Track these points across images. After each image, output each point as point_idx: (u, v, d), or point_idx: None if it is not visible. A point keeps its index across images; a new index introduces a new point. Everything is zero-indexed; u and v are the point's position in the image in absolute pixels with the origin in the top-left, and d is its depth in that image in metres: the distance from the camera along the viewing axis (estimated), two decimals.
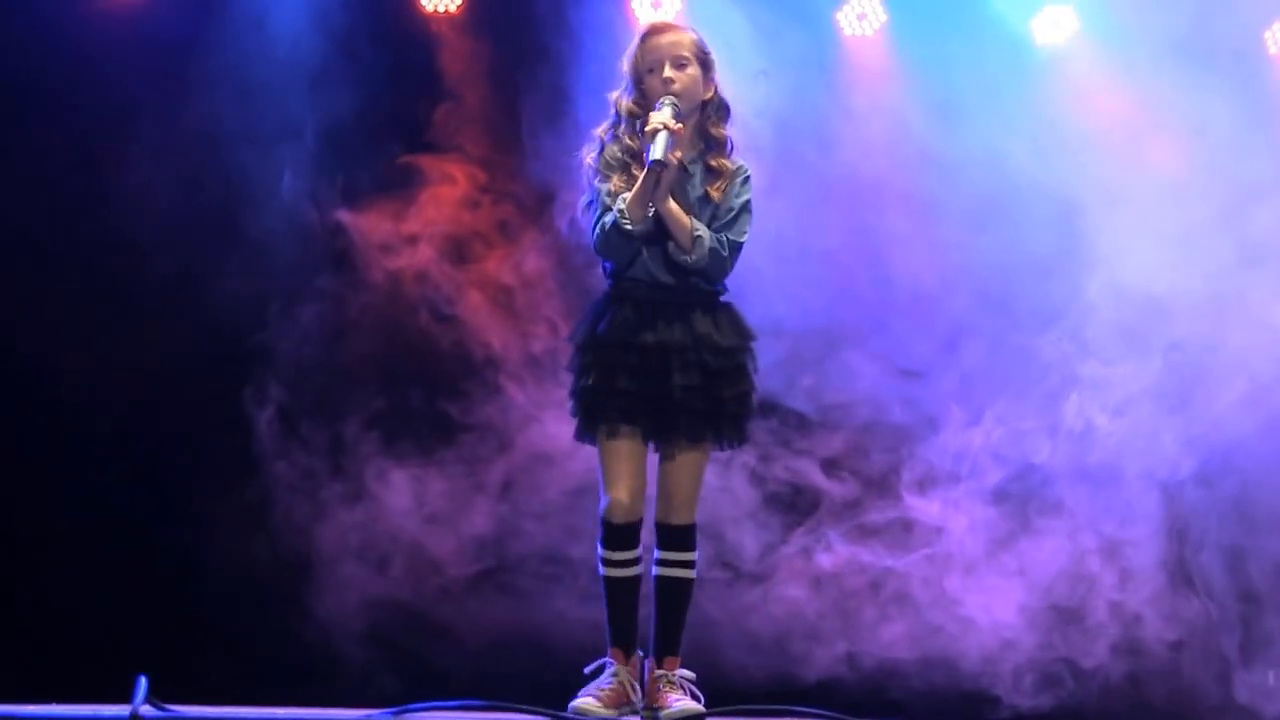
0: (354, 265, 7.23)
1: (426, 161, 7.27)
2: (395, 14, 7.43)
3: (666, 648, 5.16)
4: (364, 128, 7.25)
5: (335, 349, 7.22)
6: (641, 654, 5.20)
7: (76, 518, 6.96)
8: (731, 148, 5.25)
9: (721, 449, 5.25)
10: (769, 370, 7.08)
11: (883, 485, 7.37)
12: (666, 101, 5.06)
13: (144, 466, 7.04)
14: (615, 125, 5.21)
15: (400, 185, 7.25)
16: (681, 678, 5.13)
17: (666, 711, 5.03)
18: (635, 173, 5.09)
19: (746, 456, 7.19)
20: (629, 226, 5.05)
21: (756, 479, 7.29)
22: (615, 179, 5.12)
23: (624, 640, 5.13)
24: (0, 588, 6.91)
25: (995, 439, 7.33)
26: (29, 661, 6.68)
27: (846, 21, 7.65)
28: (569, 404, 5.21)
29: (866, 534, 7.34)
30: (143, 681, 4.56)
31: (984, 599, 7.28)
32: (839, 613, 7.29)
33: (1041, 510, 7.36)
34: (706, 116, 5.22)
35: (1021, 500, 7.37)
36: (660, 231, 5.09)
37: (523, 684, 5.61)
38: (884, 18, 7.64)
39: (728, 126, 5.25)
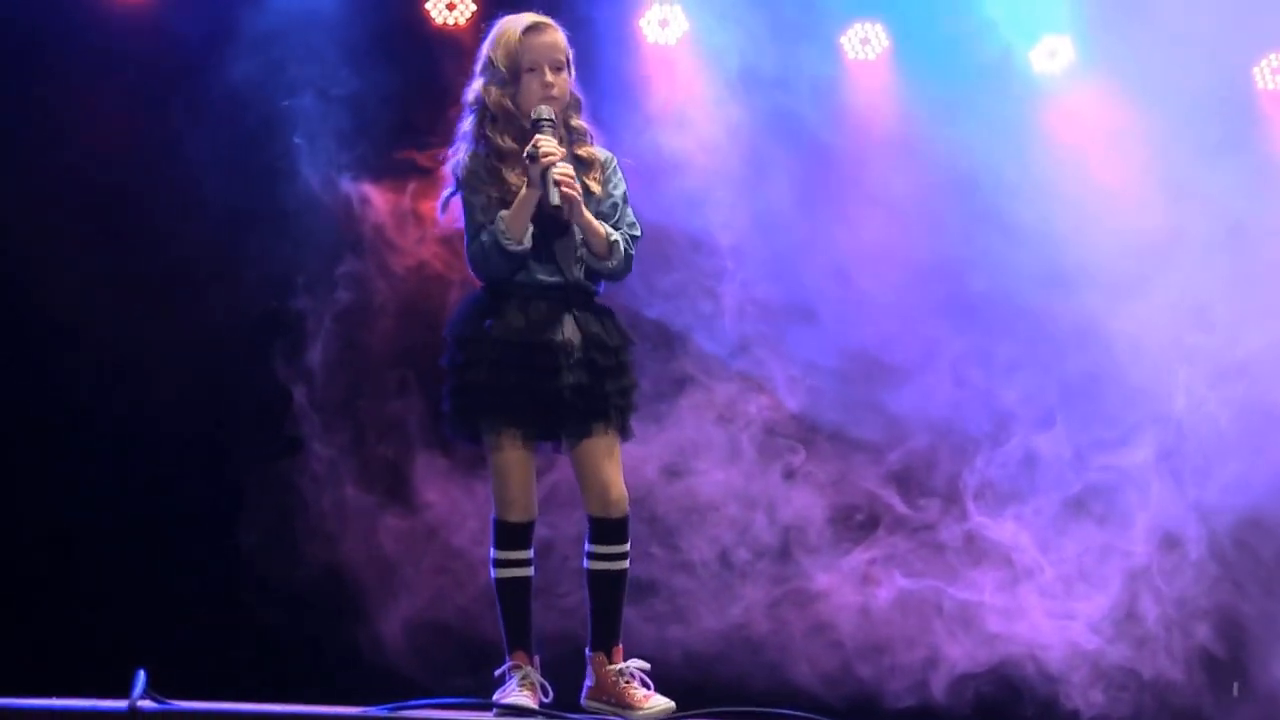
0: (381, 250, 7.28)
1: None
2: (407, 26, 7.52)
3: (610, 639, 5.15)
4: (384, 123, 7.31)
5: (363, 339, 7.27)
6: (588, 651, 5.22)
7: (79, 511, 7.05)
8: (591, 136, 5.21)
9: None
10: (834, 387, 7.35)
11: (951, 498, 7.44)
12: (544, 119, 4.99)
13: (147, 461, 7.11)
14: (483, 123, 5.11)
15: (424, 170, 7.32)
16: (638, 669, 5.14)
17: (643, 711, 5.06)
18: (508, 177, 5.04)
19: (812, 468, 7.34)
20: (514, 247, 5.00)
21: (824, 495, 7.40)
22: (488, 191, 5.05)
23: (524, 642, 5.12)
24: (3, 580, 7.00)
25: (1069, 445, 7.42)
26: (31, 655, 6.76)
27: (850, 45, 7.73)
28: (446, 400, 5.14)
29: (937, 547, 7.42)
30: (141, 675, 4.58)
31: (1058, 611, 7.37)
32: (907, 627, 7.38)
33: (1116, 514, 7.45)
34: (569, 115, 5.18)
35: (1096, 506, 7.45)
36: (542, 232, 5.06)
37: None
38: (886, 43, 7.72)
39: (583, 116, 5.21)
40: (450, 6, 7.50)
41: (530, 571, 5.16)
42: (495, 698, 5.05)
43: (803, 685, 7.23)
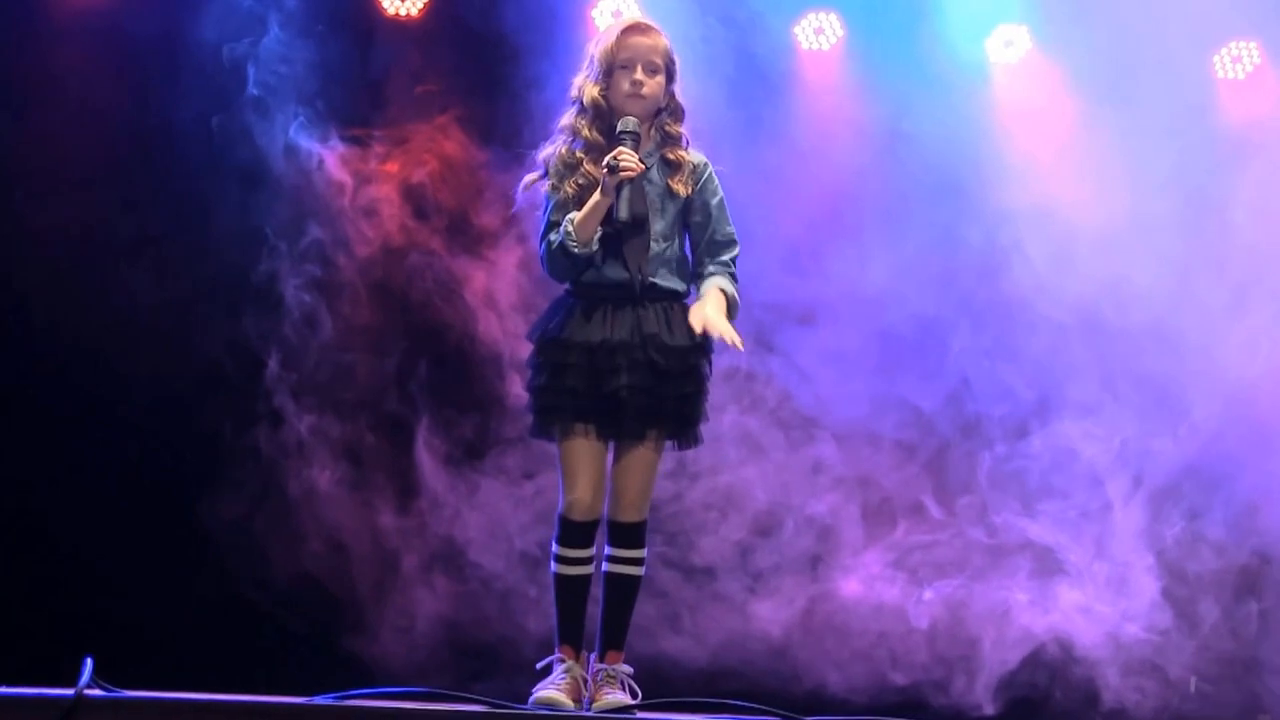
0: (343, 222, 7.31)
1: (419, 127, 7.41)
2: (359, 14, 7.54)
3: (611, 642, 5.21)
4: (342, 102, 7.35)
5: (328, 330, 7.26)
6: (588, 651, 5.25)
7: (34, 488, 7.00)
8: (687, 143, 5.29)
9: (676, 448, 5.26)
10: (867, 384, 7.32)
11: (981, 493, 7.45)
12: (627, 132, 5.08)
13: (110, 436, 7.08)
14: (578, 115, 5.23)
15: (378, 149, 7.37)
16: (621, 672, 5.18)
17: (597, 704, 5.10)
18: (588, 168, 5.14)
19: (844, 470, 7.34)
20: (578, 250, 5.10)
21: (858, 493, 7.40)
22: (568, 182, 5.15)
23: (573, 637, 5.18)
24: None
25: (1096, 437, 7.41)
26: None
27: (804, 35, 7.73)
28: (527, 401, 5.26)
29: (967, 544, 7.42)
30: (88, 663, 4.55)
31: (1097, 607, 7.36)
32: (939, 625, 7.37)
33: (1150, 507, 7.42)
34: (664, 120, 5.25)
35: (1130, 499, 7.43)
36: (614, 232, 5.11)
37: None
38: (841, 33, 7.73)
39: (683, 125, 5.28)
40: None
41: (589, 570, 5.21)
42: (535, 689, 5.11)
43: (831, 687, 7.25)
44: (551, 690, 5.06)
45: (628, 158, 5.04)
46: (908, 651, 7.32)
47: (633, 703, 5.13)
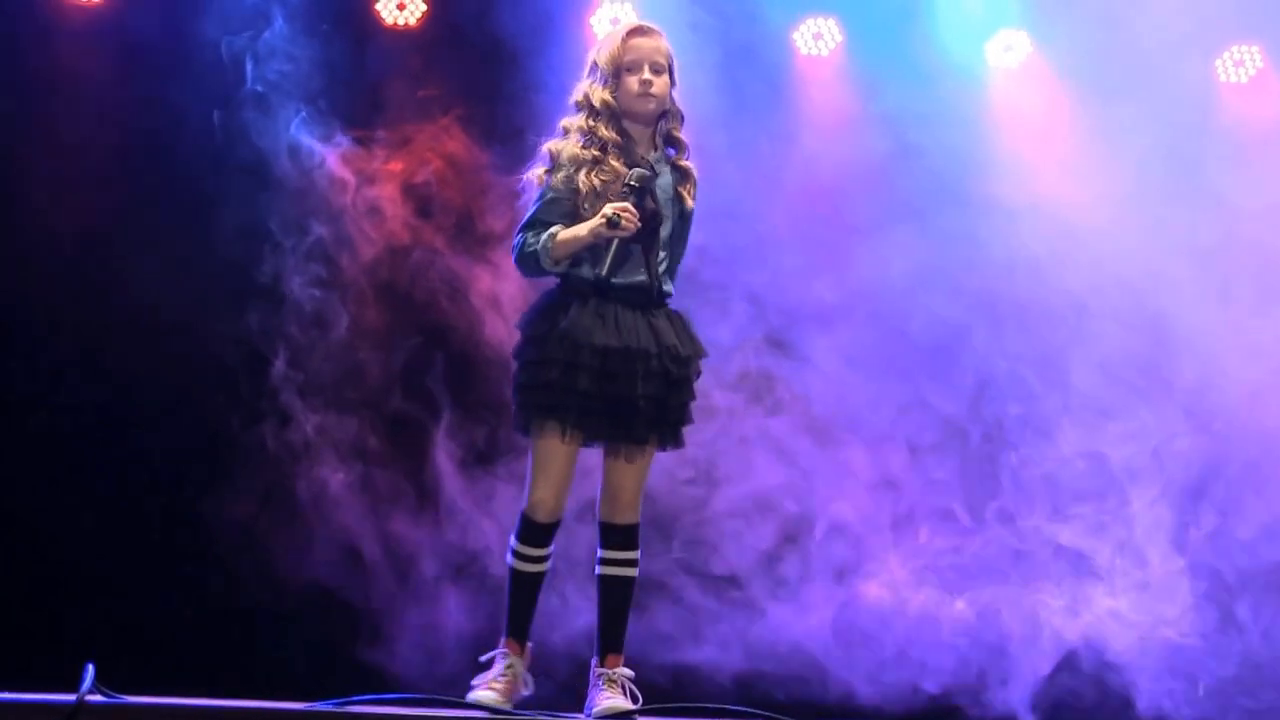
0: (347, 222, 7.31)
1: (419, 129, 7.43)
2: (360, 25, 7.56)
3: (610, 645, 5.22)
4: (346, 106, 7.37)
5: (333, 329, 7.26)
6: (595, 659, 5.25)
7: (32, 492, 6.98)
8: (688, 152, 5.34)
9: (663, 450, 5.28)
10: (888, 385, 7.29)
11: (1017, 497, 7.45)
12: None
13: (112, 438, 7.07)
14: (588, 118, 5.24)
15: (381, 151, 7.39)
16: (621, 676, 5.18)
17: (597, 708, 5.10)
18: (613, 163, 5.15)
19: (869, 473, 7.34)
20: (550, 268, 5.15)
21: (890, 497, 7.40)
22: (589, 177, 5.15)
23: (520, 632, 5.21)
24: None
25: (1132, 438, 7.41)
26: None
27: (803, 41, 7.74)
28: (514, 394, 5.22)
29: (995, 551, 7.41)
30: (90, 669, 4.52)
31: (1131, 612, 7.34)
32: (971, 632, 7.35)
33: (1180, 510, 7.42)
34: (669, 125, 5.31)
35: (1158, 502, 7.43)
36: (633, 238, 5.12)
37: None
38: (839, 38, 7.73)
39: (681, 130, 5.33)
40: (400, 6, 7.56)
41: (545, 568, 5.24)
42: (474, 682, 5.13)
43: (861, 696, 7.24)
44: (484, 690, 5.07)
45: (630, 218, 5.05)
46: (939, 659, 7.31)
47: (633, 708, 5.14)
